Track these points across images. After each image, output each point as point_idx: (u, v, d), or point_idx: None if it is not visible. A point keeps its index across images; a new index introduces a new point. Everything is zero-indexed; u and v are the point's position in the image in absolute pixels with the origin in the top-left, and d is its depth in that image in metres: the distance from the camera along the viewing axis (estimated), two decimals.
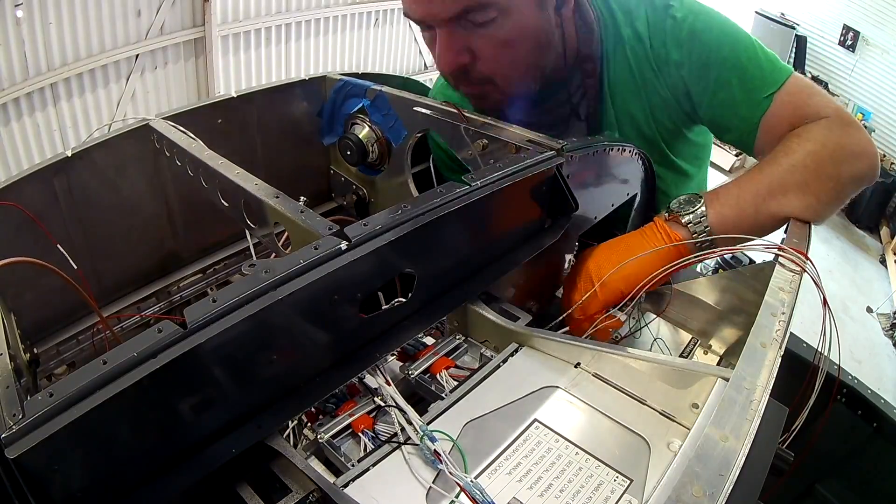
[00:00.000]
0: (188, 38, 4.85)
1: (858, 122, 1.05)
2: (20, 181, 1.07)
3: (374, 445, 0.77)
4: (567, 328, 1.07)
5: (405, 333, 0.86)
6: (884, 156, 7.01)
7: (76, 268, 1.08)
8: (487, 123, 1.13)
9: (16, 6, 3.69)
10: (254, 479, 0.73)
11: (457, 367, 0.93)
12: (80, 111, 4.50)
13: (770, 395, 0.65)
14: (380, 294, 0.85)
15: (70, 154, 1.12)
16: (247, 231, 1.04)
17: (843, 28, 7.26)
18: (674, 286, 1.13)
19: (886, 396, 1.38)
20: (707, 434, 0.60)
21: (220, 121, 1.32)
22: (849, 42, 7.26)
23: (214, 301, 0.63)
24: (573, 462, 0.73)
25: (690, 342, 1.12)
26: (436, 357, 0.93)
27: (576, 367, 0.87)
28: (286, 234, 0.94)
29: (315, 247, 0.71)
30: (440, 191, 0.85)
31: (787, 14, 7.71)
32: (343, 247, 0.72)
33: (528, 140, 1.06)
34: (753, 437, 0.59)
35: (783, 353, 0.70)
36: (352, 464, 0.74)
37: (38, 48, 3.99)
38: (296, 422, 0.82)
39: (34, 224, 1.05)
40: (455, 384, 0.87)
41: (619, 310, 1.03)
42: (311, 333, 0.74)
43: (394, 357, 0.97)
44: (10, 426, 0.52)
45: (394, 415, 0.79)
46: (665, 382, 0.80)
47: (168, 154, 1.14)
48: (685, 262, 0.96)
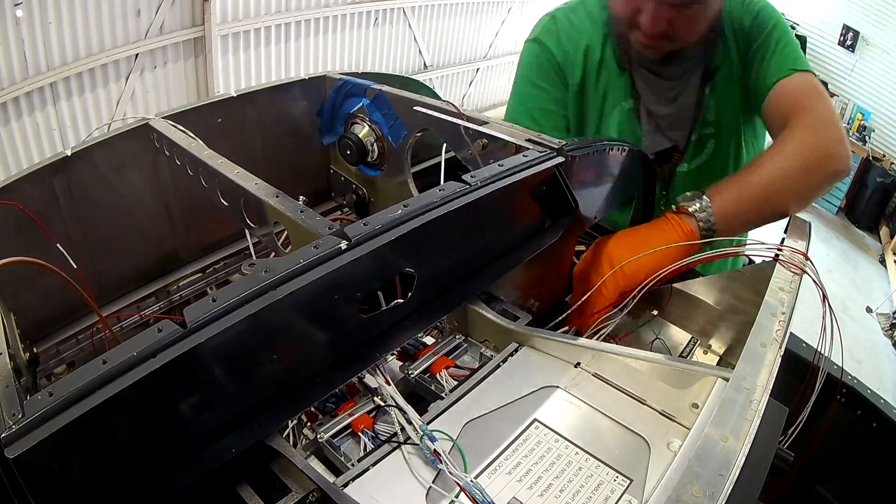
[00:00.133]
0: (188, 38, 4.84)
1: (841, 127, 1.27)
2: (20, 180, 1.07)
3: (374, 445, 0.77)
4: (566, 328, 1.07)
5: (405, 333, 0.86)
6: (883, 156, 7.00)
7: (76, 267, 1.08)
8: (487, 123, 1.13)
9: (15, 6, 3.68)
10: (254, 479, 0.73)
11: (457, 367, 0.93)
12: (80, 111, 4.49)
13: (770, 395, 0.65)
14: (379, 294, 0.85)
15: (70, 153, 1.12)
16: (246, 230, 1.04)
17: (843, 28, 7.25)
18: (673, 285, 1.13)
19: (886, 396, 1.38)
20: (707, 434, 0.60)
21: (220, 120, 1.32)
22: (848, 42, 7.25)
23: (214, 301, 0.63)
24: (573, 462, 0.73)
25: (690, 342, 1.12)
26: (436, 357, 0.93)
27: (576, 367, 0.87)
28: (286, 234, 0.94)
29: (315, 246, 0.71)
30: (440, 190, 0.85)
31: (787, 14, 7.68)
32: (343, 246, 0.72)
33: (528, 140, 1.06)
34: (753, 437, 0.59)
35: (783, 353, 0.70)
36: (352, 463, 0.74)
37: (38, 48, 3.98)
38: (296, 421, 0.82)
39: (34, 223, 1.05)
40: (455, 384, 0.87)
41: (633, 299, 1.04)
42: (311, 333, 0.74)
43: (394, 357, 0.97)
44: (10, 426, 0.52)
45: (394, 414, 0.79)
46: (665, 382, 0.80)
47: (168, 153, 1.14)
48: (699, 259, 1.04)
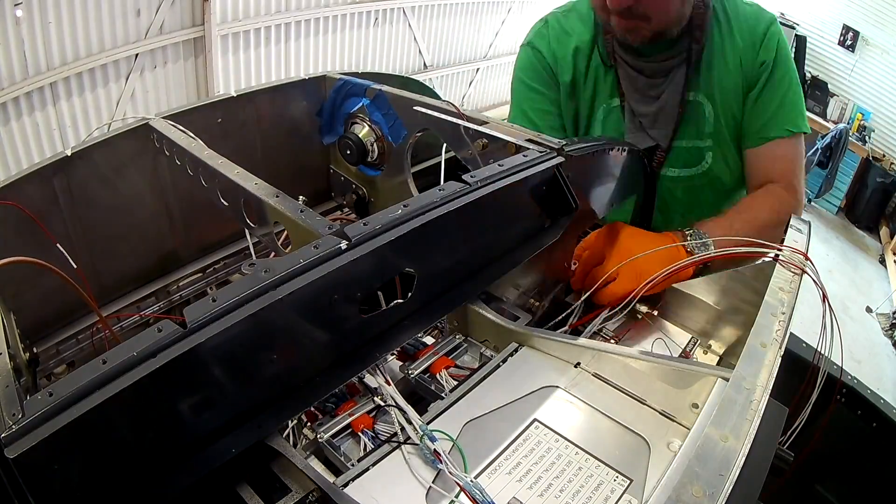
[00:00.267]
0: (188, 38, 4.83)
1: (802, 193, 1.42)
2: (20, 180, 1.07)
3: (374, 445, 0.77)
4: (565, 328, 1.07)
5: (405, 333, 0.86)
6: (883, 156, 7.00)
7: (76, 267, 1.08)
8: (487, 123, 1.13)
9: (15, 6, 3.68)
10: (254, 479, 0.73)
11: (457, 367, 0.93)
12: (80, 110, 4.48)
13: (770, 395, 0.65)
14: (379, 294, 0.85)
15: (70, 153, 1.12)
16: (246, 230, 1.04)
17: (843, 28, 7.24)
18: (672, 285, 1.13)
19: (886, 396, 1.38)
20: (707, 434, 0.60)
21: (220, 120, 1.32)
22: (848, 42, 7.25)
23: (214, 300, 0.63)
24: (573, 462, 0.73)
25: (690, 342, 1.11)
26: (436, 357, 0.93)
27: (576, 367, 0.87)
28: (286, 234, 0.94)
29: (315, 246, 0.71)
30: (440, 190, 0.85)
31: (787, 14, 7.67)
32: (343, 246, 0.72)
33: (528, 140, 1.06)
34: (753, 437, 0.59)
35: (783, 353, 0.70)
36: (351, 463, 0.74)
37: (38, 48, 3.98)
38: (296, 421, 0.82)
39: (34, 223, 1.05)
40: (455, 384, 0.87)
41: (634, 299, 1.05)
42: (311, 333, 0.74)
43: (394, 357, 0.97)
44: (10, 426, 0.52)
45: (394, 414, 0.79)
46: (665, 382, 0.80)
47: (168, 153, 1.14)
48: (699, 259, 1.09)
